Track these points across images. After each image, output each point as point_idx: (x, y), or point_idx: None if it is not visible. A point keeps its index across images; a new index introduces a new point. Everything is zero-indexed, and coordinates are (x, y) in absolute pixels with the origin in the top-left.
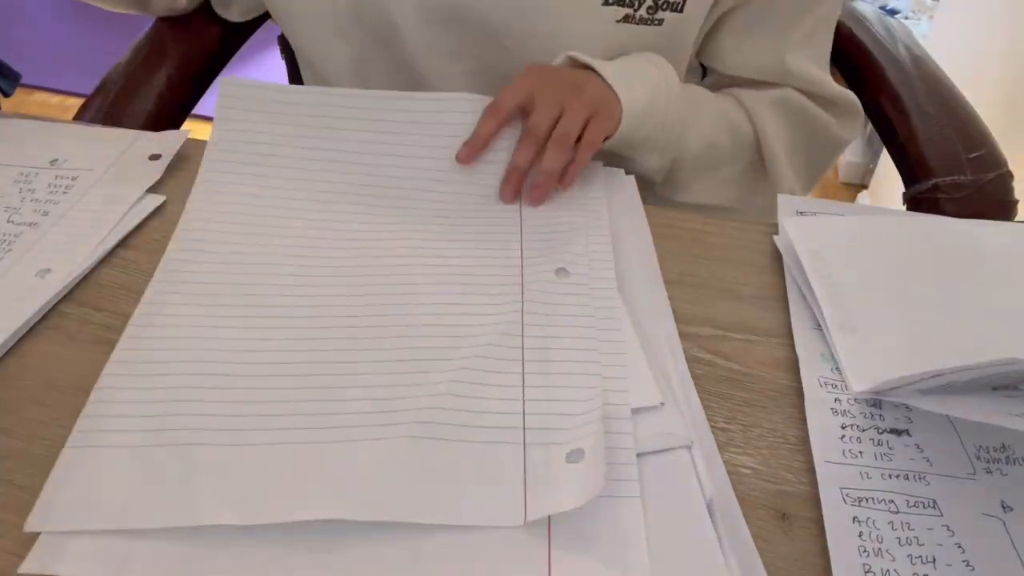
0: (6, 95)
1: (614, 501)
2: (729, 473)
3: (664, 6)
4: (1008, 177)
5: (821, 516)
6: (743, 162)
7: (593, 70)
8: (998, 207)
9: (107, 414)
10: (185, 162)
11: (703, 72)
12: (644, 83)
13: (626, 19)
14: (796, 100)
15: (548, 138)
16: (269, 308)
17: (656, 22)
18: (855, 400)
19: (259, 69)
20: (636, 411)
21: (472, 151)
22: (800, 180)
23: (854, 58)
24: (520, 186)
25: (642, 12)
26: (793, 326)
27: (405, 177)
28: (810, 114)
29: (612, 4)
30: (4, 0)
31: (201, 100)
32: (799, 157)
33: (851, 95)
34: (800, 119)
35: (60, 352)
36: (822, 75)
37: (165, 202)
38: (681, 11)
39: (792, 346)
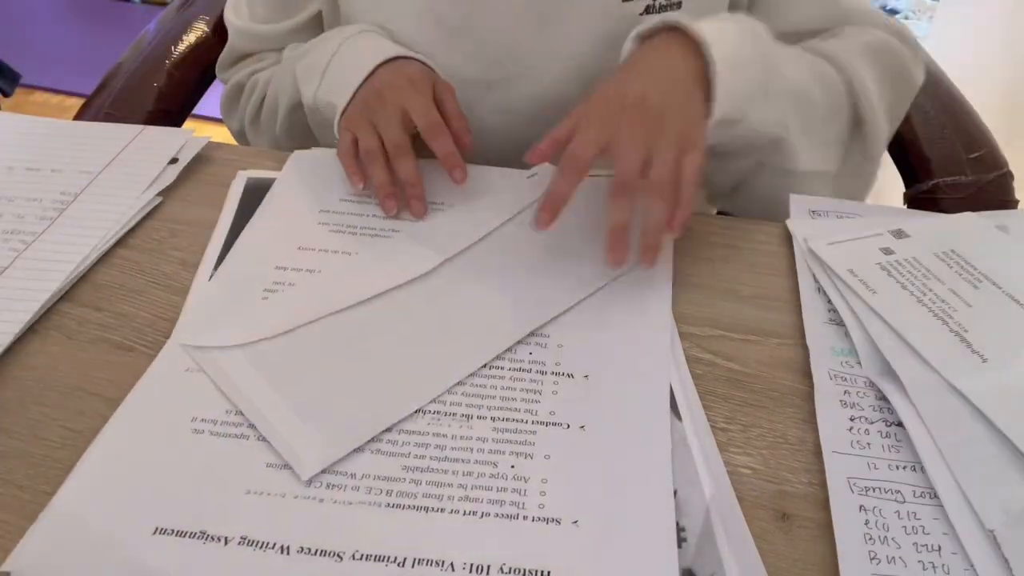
0: (6, 95)
1: None
2: (729, 473)
3: None
4: (1008, 177)
5: (821, 516)
6: (841, 120)
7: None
8: (998, 207)
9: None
10: (193, 163)
11: None
12: (733, 29)
13: (647, 10)
14: (883, 40)
15: (639, 187)
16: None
17: (675, 5)
18: (864, 393)
19: None
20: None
21: (551, 214)
22: (890, 132)
23: None
24: (626, 246)
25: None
26: (805, 320)
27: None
28: (894, 51)
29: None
30: (4, 0)
31: (201, 100)
32: (888, 104)
33: (905, 26)
34: (889, 60)
35: (59, 352)
36: (874, 8)
37: (165, 203)
38: None
39: (792, 346)
